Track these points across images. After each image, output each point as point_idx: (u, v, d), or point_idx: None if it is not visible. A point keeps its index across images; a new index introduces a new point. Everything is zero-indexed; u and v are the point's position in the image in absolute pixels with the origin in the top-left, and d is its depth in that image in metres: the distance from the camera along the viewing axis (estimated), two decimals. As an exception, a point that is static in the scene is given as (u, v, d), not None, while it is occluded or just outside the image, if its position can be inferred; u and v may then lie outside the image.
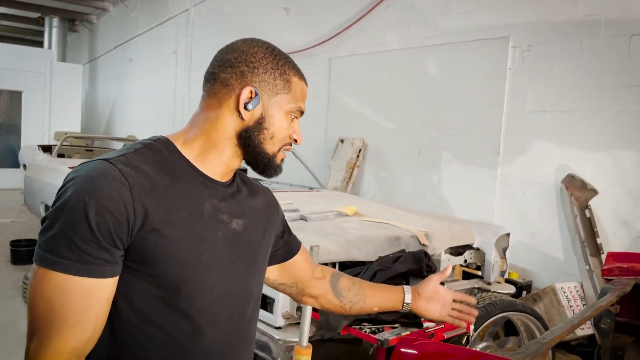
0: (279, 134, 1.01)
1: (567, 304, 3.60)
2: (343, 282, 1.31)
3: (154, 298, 0.92)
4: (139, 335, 0.92)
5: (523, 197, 4.25)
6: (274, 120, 1.00)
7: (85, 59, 14.20)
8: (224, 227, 1.00)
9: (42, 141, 10.13)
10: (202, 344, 0.96)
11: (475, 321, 2.48)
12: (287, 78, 1.01)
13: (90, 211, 0.83)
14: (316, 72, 6.27)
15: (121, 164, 0.89)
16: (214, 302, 0.98)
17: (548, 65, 4.06)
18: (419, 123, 5.09)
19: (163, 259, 0.90)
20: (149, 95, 10.72)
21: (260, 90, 0.98)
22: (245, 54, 0.99)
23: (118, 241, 0.86)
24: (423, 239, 2.80)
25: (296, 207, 3.10)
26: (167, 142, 0.99)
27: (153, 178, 0.91)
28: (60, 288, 0.83)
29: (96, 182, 0.85)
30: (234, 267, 1.02)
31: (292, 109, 1.02)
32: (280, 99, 1.00)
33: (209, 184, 0.99)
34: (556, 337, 1.32)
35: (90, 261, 0.84)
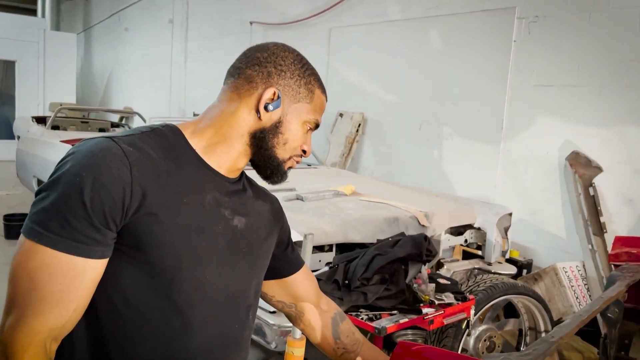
0: (292, 142, 1.00)
1: (568, 283, 3.54)
2: (345, 325, 1.25)
3: (147, 287, 0.88)
4: (128, 327, 0.88)
5: (526, 173, 4.16)
6: (291, 127, 0.99)
7: (80, 27, 13.90)
8: (225, 222, 0.97)
9: (37, 112, 9.99)
10: (191, 342, 0.93)
11: (476, 305, 2.42)
12: (311, 88, 1.00)
13: (86, 187, 0.80)
14: (315, 43, 6.09)
15: (125, 143, 0.86)
16: (207, 298, 0.94)
17: (555, 37, 3.91)
18: (420, 97, 4.96)
19: (157, 245, 0.87)
20: (145, 66, 10.52)
21: (283, 94, 0.97)
22: (275, 56, 0.98)
23: (111, 222, 0.83)
24: (423, 220, 2.72)
25: (292, 186, 3.01)
26: (175, 130, 0.97)
27: (156, 162, 0.89)
28: (46, 264, 0.80)
29: (96, 158, 0.82)
30: (231, 264, 0.98)
31: (310, 119, 1.01)
32: (301, 107, 0.99)
33: (214, 176, 0.97)
34: (565, 335, 1.25)
35: (79, 239, 0.80)
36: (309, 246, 1.80)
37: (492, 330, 2.74)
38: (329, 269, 2.19)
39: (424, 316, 2.07)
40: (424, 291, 2.18)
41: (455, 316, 2.20)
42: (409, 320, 2.02)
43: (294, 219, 2.44)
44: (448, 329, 2.49)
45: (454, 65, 4.65)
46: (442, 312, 2.13)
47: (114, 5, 11.64)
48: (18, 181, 6.17)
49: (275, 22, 6.60)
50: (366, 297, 2.01)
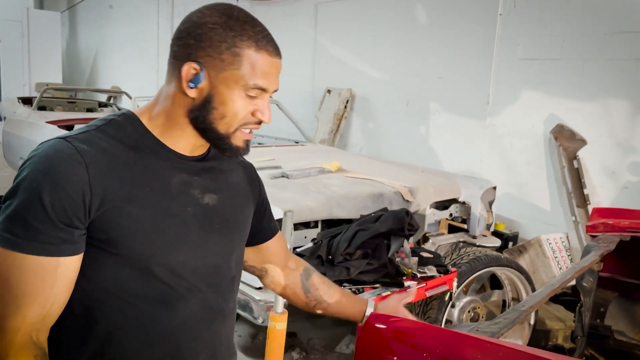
0: (232, 115, 0.92)
1: (552, 255, 3.61)
2: (314, 279, 1.25)
3: (122, 275, 0.90)
4: (112, 313, 0.90)
5: (511, 147, 4.20)
6: (224, 99, 0.91)
7: (64, 5, 13.63)
8: (195, 202, 0.97)
9: (22, 93, 9.87)
10: (175, 320, 0.94)
11: (459, 277, 2.47)
12: (236, 52, 0.89)
13: (45, 191, 0.82)
14: (302, 19, 6.04)
15: (79, 142, 0.87)
16: (187, 277, 0.95)
17: (539, 10, 3.91)
18: (407, 72, 4.96)
19: (127, 236, 0.88)
20: (131, 44, 10.38)
21: (207, 67, 0.89)
22: (194, 26, 0.90)
23: (76, 220, 0.84)
24: (407, 195, 2.75)
25: (278, 163, 3.03)
26: (133, 118, 0.95)
27: (114, 155, 0.89)
28: (16, 267, 0.83)
29: (51, 161, 0.84)
30: (205, 243, 0.98)
31: (248, 85, 0.90)
32: (230, 75, 0.90)
33: (177, 158, 0.96)
34: (535, 304, 1.29)
35: (45, 240, 0.83)
36: (289, 223, 1.83)
37: (476, 301, 2.81)
38: (313, 245, 2.23)
39: (406, 289, 2.11)
40: (406, 265, 2.22)
41: (438, 288, 2.25)
42: (391, 292, 2.06)
43: (279, 197, 2.47)
44: (432, 301, 2.55)
45: (440, 40, 4.64)
46: (425, 285, 2.18)
47: (98, -18, 11.44)
48: (5, 163, 6.14)
49: (261, -3, 6.53)
50: (349, 271, 2.05)
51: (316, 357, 2.95)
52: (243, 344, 3.05)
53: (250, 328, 3.17)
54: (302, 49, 5.98)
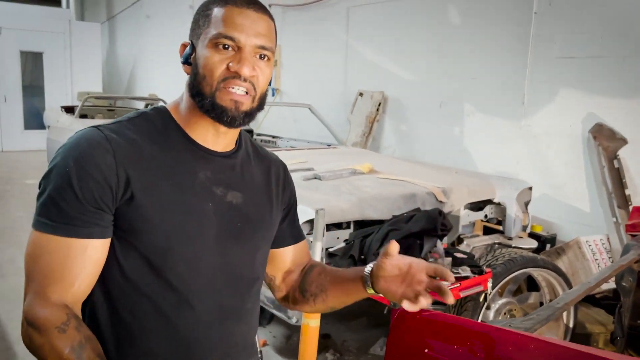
0: (208, 71, 0.92)
1: (592, 257, 3.51)
2: (313, 275, 1.14)
3: (141, 267, 0.92)
4: (130, 303, 0.93)
5: (548, 148, 4.11)
6: (200, 60, 0.93)
7: (104, 17, 14.08)
8: (217, 199, 0.97)
9: (65, 102, 10.20)
10: (189, 316, 0.95)
11: (494, 278, 2.44)
12: (207, 14, 0.94)
13: (74, 176, 0.86)
14: (334, 23, 6.07)
15: (109, 131, 0.91)
16: (203, 274, 0.96)
17: (576, 8, 3.82)
18: (440, 74, 4.92)
19: (147, 228, 0.90)
20: (168, 52, 10.61)
21: (193, 40, 0.96)
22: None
23: (103, 205, 0.88)
24: (440, 196, 2.74)
25: (311, 165, 3.05)
26: (163, 111, 0.99)
27: (140, 146, 0.92)
28: (47, 248, 0.88)
29: (81, 148, 0.88)
30: (226, 241, 0.99)
31: (213, 36, 0.92)
32: (203, 36, 0.94)
33: (205, 154, 0.97)
34: (570, 301, 1.27)
35: (78, 223, 0.87)
36: (321, 222, 1.84)
37: (512, 303, 2.76)
38: (345, 245, 2.24)
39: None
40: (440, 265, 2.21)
41: (472, 289, 2.23)
42: (426, 293, 2.06)
43: (311, 198, 2.49)
44: (467, 303, 2.52)
45: (473, 40, 4.59)
46: (459, 285, 2.16)
47: (135, -7, 11.76)
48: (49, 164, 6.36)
49: (293, 3, 6.60)
50: (382, 271, 2.05)
51: (350, 359, 2.95)
52: (278, 345, 3.08)
53: (285, 329, 3.20)
54: (334, 53, 6.01)
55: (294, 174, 1.19)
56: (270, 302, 2.46)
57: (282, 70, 6.95)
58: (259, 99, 0.95)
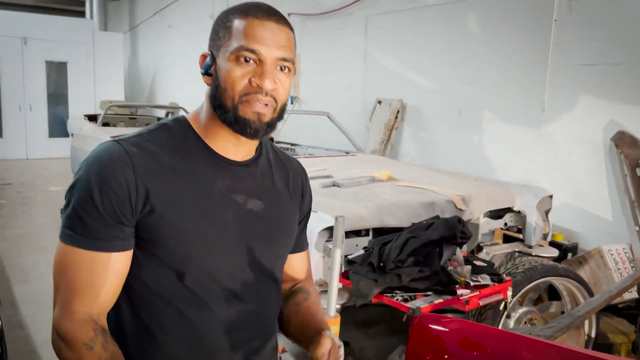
0: (230, 84, 0.92)
1: (614, 266, 3.46)
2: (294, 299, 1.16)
3: (162, 275, 0.95)
4: (152, 309, 0.96)
5: (569, 155, 4.07)
6: (222, 72, 0.94)
7: (126, 27, 14.34)
8: (237, 207, 0.99)
9: (88, 110, 10.40)
10: (211, 322, 0.98)
11: (514, 286, 2.42)
12: (227, 26, 0.94)
13: (96, 190, 0.89)
14: (352, 31, 6.11)
15: (129, 145, 0.94)
16: (223, 281, 0.98)
17: (597, 15, 3.79)
18: (459, 81, 4.91)
19: (167, 238, 0.93)
20: (188, 61, 10.75)
21: (213, 51, 0.97)
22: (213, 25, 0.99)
23: (124, 219, 0.91)
24: (459, 204, 2.73)
25: (330, 172, 3.07)
26: (183, 122, 1.01)
27: (160, 158, 0.94)
28: (73, 261, 0.91)
29: (102, 162, 0.91)
30: (245, 249, 1.00)
31: (234, 49, 0.92)
32: (224, 48, 0.94)
33: (224, 163, 0.99)
34: (591, 310, 1.26)
35: (100, 237, 0.90)
36: (341, 228, 1.86)
37: (533, 312, 2.73)
38: (364, 252, 2.25)
39: (459, 297, 2.09)
40: (459, 273, 2.20)
41: (492, 297, 2.21)
42: (444, 300, 2.06)
43: (330, 205, 2.50)
44: (486, 311, 2.50)
45: (492, 47, 4.58)
46: (478, 293, 2.15)
47: (157, 4, 11.95)
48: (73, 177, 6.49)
49: (312, 12, 6.65)
50: (400, 278, 2.06)
51: (368, 366, 2.95)
52: (296, 352, 3.08)
53: (303, 336, 3.20)
54: (353, 61, 6.03)
55: (312, 181, 1.20)
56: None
57: (301, 78, 7.00)
58: (280, 109, 0.96)
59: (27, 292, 3.85)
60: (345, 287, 2.22)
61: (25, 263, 4.51)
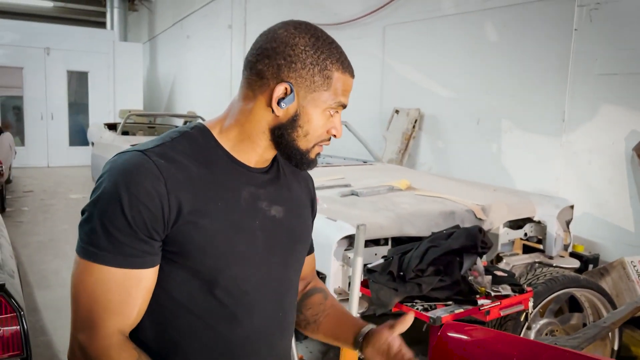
0: (314, 132, 0.95)
1: (637, 278, 3.40)
2: (314, 299, 1.19)
3: (191, 287, 0.93)
4: (177, 322, 0.94)
5: (590, 165, 4.03)
6: (309, 118, 0.94)
7: (146, 37, 14.56)
8: (262, 215, 0.99)
9: (108, 119, 10.57)
10: (238, 333, 0.97)
11: (535, 297, 2.40)
12: (327, 74, 0.92)
13: (126, 204, 0.84)
14: (370, 41, 6.13)
15: (156, 156, 0.89)
16: (250, 292, 0.97)
17: (618, 24, 3.77)
18: (477, 91, 4.90)
19: (198, 250, 0.90)
20: (206, 71, 10.90)
21: (296, 87, 0.92)
22: (285, 46, 0.91)
23: (155, 233, 0.87)
24: (479, 213, 2.72)
25: (348, 182, 3.08)
26: (204, 130, 0.98)
27: (188, 169, 0.91)
28: (102, 280, 0.86)
29: (131, 175, 0.86)
30: (271, 256, 1.00)
31: (332, 105, 0.94)
32: (318, 96, 0.93)
33: (246, 171, 0.98)
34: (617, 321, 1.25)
35: (129, 253, 0.86)
36: (362, 237, 1.86)
37: (554, 324, 2.70)
38: (384, 261, 2.25)
39: (480, 307, 2.08)
40: (480, 283, 2.19)
41: (513, 308, 2.20)
42: (464, 310, 2.04)
43: (349, 214, 2.51)
44: (507, 322, 2.48)
45: (511, 57, 4.56)
46: (499, 304, 2.13)
47: (176, 14, 12.12)
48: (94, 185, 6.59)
49: (330, 22, 6.69)
50: (421, 287, 2.05)
51: (387, 376, 2.93)
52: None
53: (321, 344, 3.20)
54: (370, 71, 6.05)
55: (331, 190, 1.22)
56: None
57: (318, 87, 7.03)
58: None
59: (48, 298, 3.91)
60: (365, 296, 2.22)
61: (47, 269, 4.58)
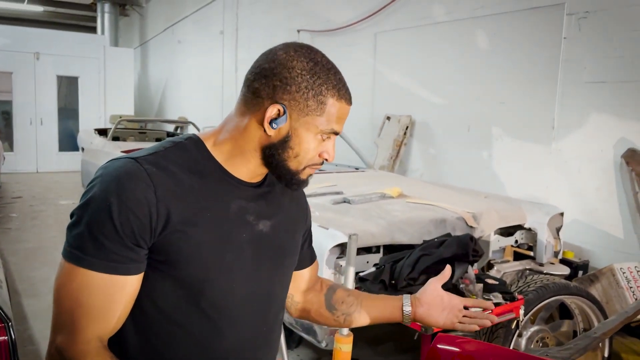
0: (304, 155, 0.96)
1: (626, 285, 3.43)
2: (338, 294, 1.23)
3: (176, 297, 0.93)
4: (162, 332, 0.94)
5: (579, 173, 4.06)
6: (300, 141, 0.95)
7: (137, 42, 14.52)
8: (250, 229, 0.99)
9: (98, 124, 10.51)
10: (222, 345, 0.97)
11: (526, 305, 2.41)
12: (321, 100, 0.93)
13: (115, 211, 0.85)
14: (361, 48, 6.16)
15: (148, 164, 0.90)
16: (236, 304, 0.97)
17: (607, 33, 3.81)
18: (468, 98, 4.93)
19: (186, 260, 0.91)
20: (198, 76, 10.89)
21: (290, 109, 0.93)
22: (282, 67, 0.92)
23: (142, 241, 0.88)
24: (470, 221, 2.73)
25: (340, 189, 3.08)
26: (198, 142, 0.98)
27: (179, 178, 0.91)
28: (85, 284, 0.87)
29: (122, 182, 0.87)
30: (257, 270, 1.01)
31: (324, 130, 0.95)
32: (311, 120, 0.93)
33: (237, 184, 0.98)
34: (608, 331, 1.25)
35: (115, 259, 0.86)
36: (354, 246, 1.86)
37: (545, 331, 2.71)
38: (376, 269, 2.25)
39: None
40: (471, 291, 2.19)
41: (504, 316, 2.20)
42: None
43: (341, 222, 2.51)
44: (498, 329, 2.49)
45: (501, 65, 4.60)
46: (490, 312, 2.14)
47: (168, 19, 12.11)
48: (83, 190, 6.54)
49: (321, 29, 6.72)
50: (413, 296, 2.05)
51: (378, 384, 2.93)
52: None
53: (313, 352, 3.19)
54: (362, 78, 6.07)
55: (323, 198, 1.24)
56: (299, 325, 2.48)
57: (309, 94, 7.04)
58: None
59: (37, 307, 3.87)
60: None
61: (35, 277, 4.53)
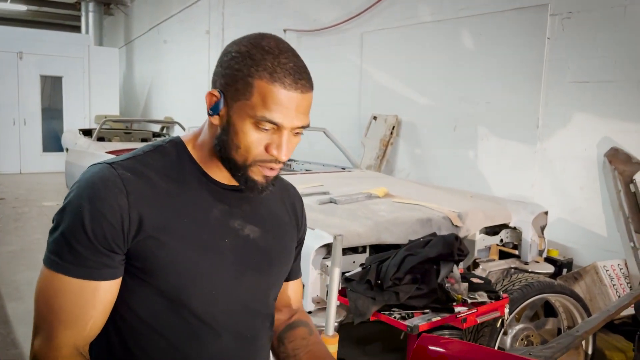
0: (245, 147, 0.89)
1: (609, 282, 3.48)
2: (298, 332, 1.14)
3: (155, 305, 0.91)
4: (141, 339, 0.92)
5: (563, 172, 4.10)
6: (237, 130, 0.88)
7: (122, 42, 14.39)
8: (234, 234, 0.96)
9: (83, 125, 10.39)
10: (204, 354, 0.94)
11: (511, 303, 2.43)
12: (248, 81, 0.86)
13: (87, 217, 0.85)
14: (348, 48, 6.16)
15: (123, 170, 0.89)
16: (218, 312, 0.95)
17: (590, 33, 3.85)
18: (454, 98, 4.95)
19: (162, 267, 0.89)
20: (184, 76, 10.82)
21: (225, 95, 0.89)
22: (224, 54, 0.90)
23: (115, 246, 0.87)
24: (456, 220, 2.74)
25: (326, 189, 3.08)
26: (179, 145, 0.97)
27: (155, 184, 0.90)
28: (60, 289, 0.87)
29: (95, 188, 0.87)
30: (242, 277, 0.98)
31: (257, 117, 0.86)
32: (241, 105, 0.87)
33: (219, 189, 0.96)
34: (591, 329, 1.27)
35: (89, 265, 0.86)
36: (339, 247, 1.86)
37: (529, 329, 2.74)
38: (362, 270, 2.25)
39: (457, 315, 2.10)
40: (456, 290, 2.21)
41: (489, 314, 2.22)
42: (442, 318, 2.06)
43: (327, 222, 2.51)
44: (483, 328, 2.50)
45: (487, 65, 4.63)
46: (475, 311, 2.15)
47: (153, 19, 12.01)
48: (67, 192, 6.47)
49: (308, 28, 6.71)
50: (398, 296, 2.06)
51: (365, 384, 2.93)
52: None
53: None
54: (349, 78, 6.08)
55: (309, 198, 1.21)
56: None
57: (296, 94, 7.03)
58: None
59: (20, 310, 3.82)
60: (343, 305, 2.21)
61: (18, 280, 4.47)
